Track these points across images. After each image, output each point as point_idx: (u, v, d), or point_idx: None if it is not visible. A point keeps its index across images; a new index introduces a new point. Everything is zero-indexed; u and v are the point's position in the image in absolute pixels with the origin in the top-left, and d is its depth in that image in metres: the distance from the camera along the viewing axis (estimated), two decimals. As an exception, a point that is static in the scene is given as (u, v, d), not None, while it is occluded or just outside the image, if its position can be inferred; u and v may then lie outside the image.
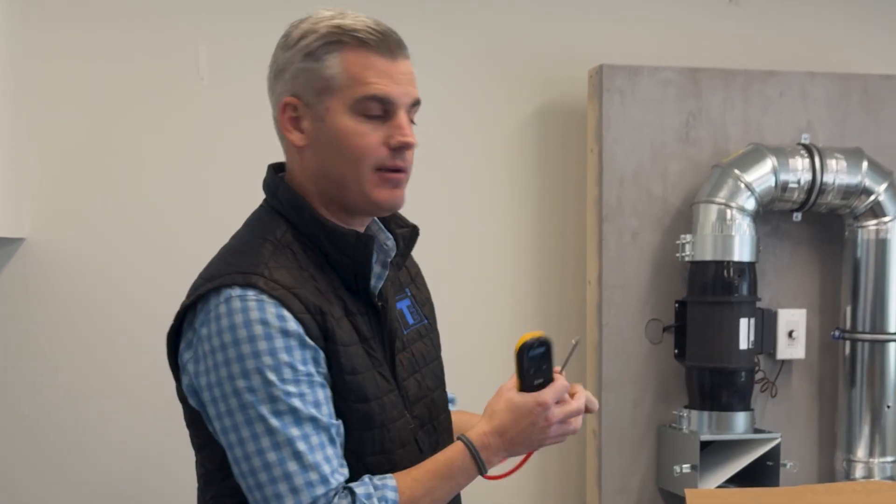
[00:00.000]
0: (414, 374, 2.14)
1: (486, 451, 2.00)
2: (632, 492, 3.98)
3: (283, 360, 1.88)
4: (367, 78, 1.96)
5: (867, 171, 3.87)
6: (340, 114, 1.98)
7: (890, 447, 3.99)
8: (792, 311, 4.05)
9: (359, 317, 2.02)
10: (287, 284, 1.92)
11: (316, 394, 1.91)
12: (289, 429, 1.88)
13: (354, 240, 2.00)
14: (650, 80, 3.92)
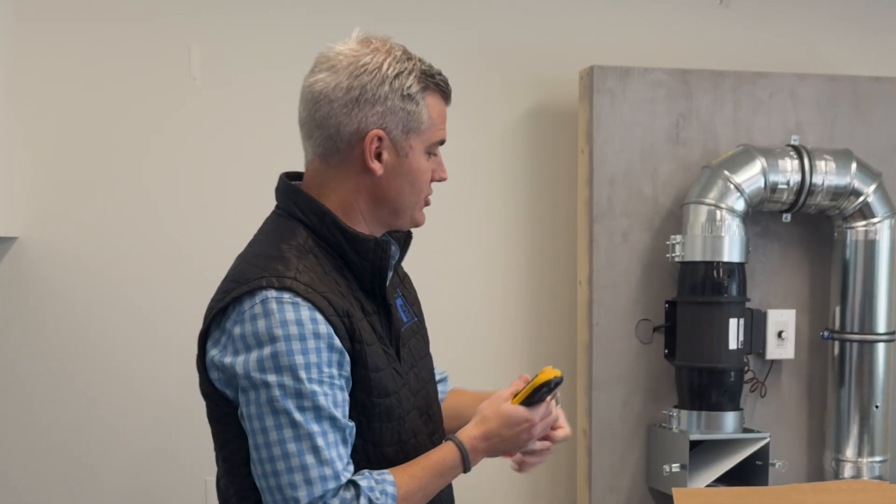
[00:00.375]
0: (413, 368, 2.29)
1: (473, 453, 2.18)
2: (622, 491, 3.99)
3: (312, 360, 2.02)
4: (440, 123, 2.22)
5: (856, 173, 3.88)
6: (419, 153, 2.19)
7: (878, 447, 4.01)
8: (781, 312, 4.07)
9: (374, 316, 2.18)
10: (318, 288, 2.06)
11: (336, 395, 2.05)
12: (311, 424, 2.01)
13: (374, 245, 2.16)
14: (641, 81, 3.94)
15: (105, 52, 3.74)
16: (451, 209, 3.98)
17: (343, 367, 2.07)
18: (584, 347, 3.99)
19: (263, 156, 3.83)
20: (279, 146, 3.81)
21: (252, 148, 3.84)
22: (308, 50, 3.77)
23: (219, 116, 3.82)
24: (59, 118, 3.72)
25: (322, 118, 2.17)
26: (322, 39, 3.84)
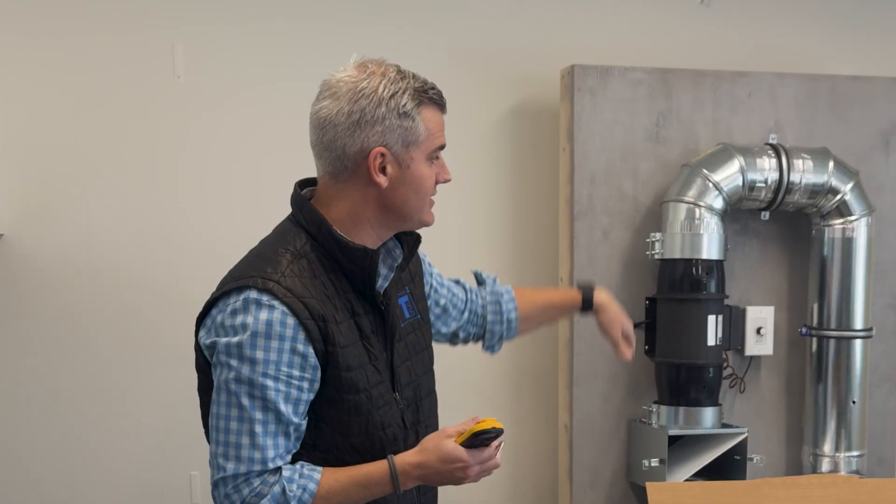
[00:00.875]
0: (406, 361, 2.50)
1: (405, 477, 2.34)
2: (602, 486, 4.02)
3: (271, 358, 2.27)
4: (438, 132, 2.40)
5: (833, 171, 3.92)
6: (421, 162, 2.38)
7: (856, 442, 4.05)
8: (760, 308, 4.10)
9: (363, 316, 2.39)
10: (298, 293, 2.28)
11: (289, 393, 2.28)
12: (255, 412, 2.27)
13: (362, 253, 2.35)
14: (621, 80, 3.96)
15: (90, 51, 3.75)
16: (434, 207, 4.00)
17: (305, 369, 2.29)
18: (566, 343, 4.02)
19: (247, 154, 3.87)
20: (263, 144, 3.86)
21: (236, 146, 3.87)
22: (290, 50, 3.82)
23: (203, 115, 3.84)
24: (43, 116, 3.74)
25: (329, 141, 2.35)
26: (304, 40, 3.89)
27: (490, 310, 2.91)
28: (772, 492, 2.49)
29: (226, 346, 2.28)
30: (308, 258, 2.35)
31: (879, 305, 4.20)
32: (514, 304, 2.93)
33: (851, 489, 2.50)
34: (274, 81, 3.84)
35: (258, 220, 2.56)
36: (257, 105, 3.86)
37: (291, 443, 2.33)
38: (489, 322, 2.91)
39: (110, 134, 3.79)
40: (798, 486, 2.51)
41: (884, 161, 4.22)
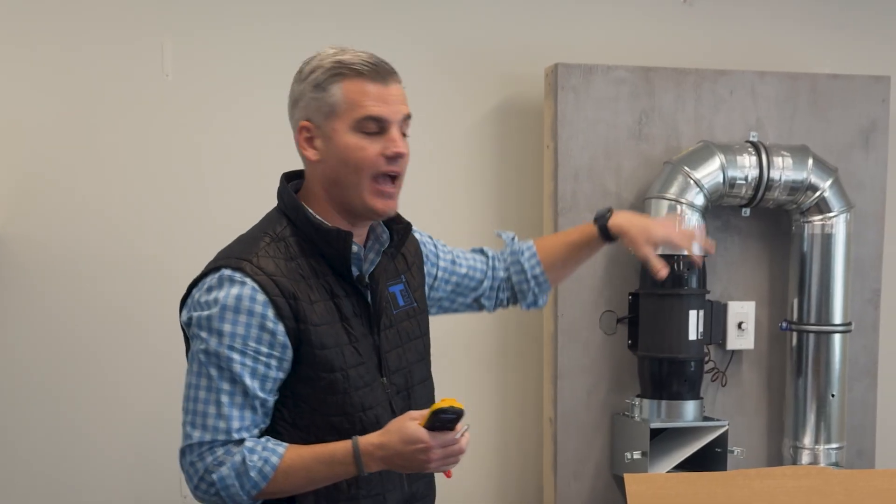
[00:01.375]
0: (397, 347, 2.55)
1: (368, 458, 2.33)
2: (586, 478, 4.07)
3: (238, 332, 2.34)
4: (364, 102, 2.38)
5: (812, 168, 3.97)
6: (343, 133, 2.39)
7: (835, 434, 4.11)
8: (741, 304, 4.15)
9: (344, 299, 2.44)
10: (269, 272, 2.36)
11: (256, 368, 2.36)
12: (221, 383, 2.35)
13: (336, 234, 2.41)
14: (604, 78, 4.01)
15: (79, 49, 3.78)
16: (421, 203, 4.03)
17: (273, 347, 2.36)
18: (550, 338, 4.07)
19: (236, 151, 3.91)
20: (251, 141, 3.88)
21: (225, 143, 3.90)
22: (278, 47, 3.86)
23: (192, 113, 3.88)
24: (33, 115, 3.77)
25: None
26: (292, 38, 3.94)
27: (513, 270, 2.93)
28: (746, 482, 2.54)
29: (198, 319, 2.37)
30: (286, 241, 2.43)
31: (859, 301, 4.26)
32: (535, 259, 2.92)
33: (824, 480, 2.55)
34: (262, 79, 3.87)
35: (248, 216, 2.60)
36: (246, 103, 3.89)
37: (259, 417, 2.39)
38: (515, 283, 2.93)
39: (100, 132, 3.82)
40: (772, 477, 2.56)
41: (863, 158, 4.27)
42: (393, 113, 2.41)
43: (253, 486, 2.35)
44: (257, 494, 2.38)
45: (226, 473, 2.36)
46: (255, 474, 2.34)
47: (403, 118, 2.45)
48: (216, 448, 2.37)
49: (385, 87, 2.41)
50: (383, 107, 2.40)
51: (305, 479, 2.38)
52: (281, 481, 2.37)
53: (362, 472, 2.34)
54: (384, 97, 2.40)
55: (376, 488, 2.48)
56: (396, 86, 2.44)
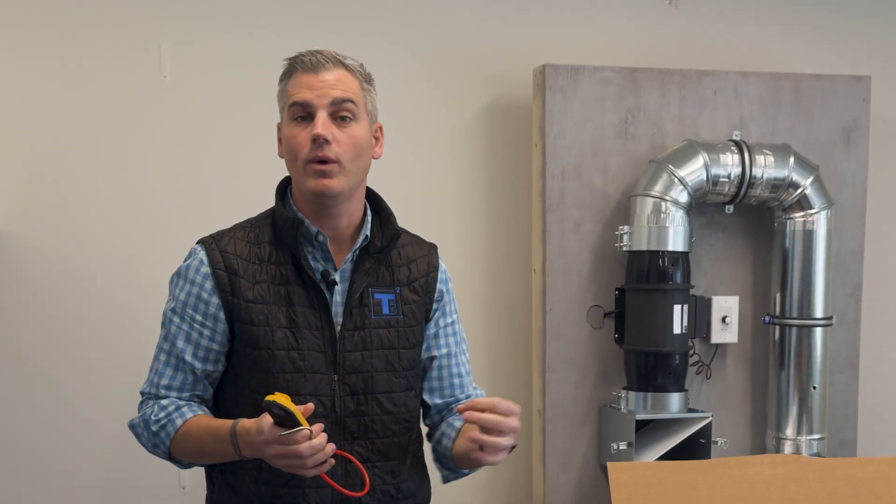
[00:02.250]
0: (363, 350, 2.55)
1: (240, 439, 2.37)
2: (574, 468, 4.13)
3: (180, 297, 2.55)
4: (293, 90, 2.49)
5: (794, 166, 4.03)
6: (286, 123, 2.52)
7: (816, 425, 4.18)
8: (725, 298, 4.21)
9: (297, 287, 2.53)
10: (223, 248, 2.53)
11: (189, 334, 2.54)
12: (164, 342, 2.58)
13: (290, 223, 2.51)
14: (591, 79, 4.06)
15: (77, 50, 3.82)
16: (412, 202, 4.07)
17: (207, 317, 2.52)
18: (539, 332, 4.13)
19: (234, 152, 3.96)
20: (249, 142, 3.89)
21: (222, 144, 3.95)
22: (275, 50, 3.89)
23: (190, 114, 3.91)
24: (32, 114, 3.80)
25: None
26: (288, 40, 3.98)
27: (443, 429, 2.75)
28: (725, 470, 2.59)
29: (169, 282, 2.61)
30: (261, 228, 2.58)
31: (841, 295, 4.33)
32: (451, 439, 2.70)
33: (800, 468, 2.61)
34: (260, 81, 3.87)
35: (245, 215, 2.66)
36: (244, 104, 3.92)
37: (189, 382, 2.56)
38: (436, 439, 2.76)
39: (98, 133, 3.85)
40: (751, 465, 2.61)
41: (844, 156, 4.33)
42: (317, 97, 2.45)
43: (158, 441, 2.52)
44: (172, 453, 2.53)
45: (136, 422, 2.58)
46: (158, 429, 2.50)
47: (332, 102, 2.46)
48: (148, 401, 2.57)
49: (315, 75, 2.46)
50: (307, 92, 2.46)
51: (197, 449, 2.50)
52: (181, 444, 2.50)
53: (238, 454, 2.38)
54: (311, 84, 2.46)
55: (296, 480, 2.46)
56: (329, 73, 2.47)
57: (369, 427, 2.54)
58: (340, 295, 2.56)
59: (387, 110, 2.75)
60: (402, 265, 2.66)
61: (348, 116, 2.48)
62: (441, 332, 2.75)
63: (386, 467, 2.58)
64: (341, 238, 2.58)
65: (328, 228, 2.55)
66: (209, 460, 2.57)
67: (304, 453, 2.24)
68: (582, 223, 4.09)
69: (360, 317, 2.55)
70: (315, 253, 2.55)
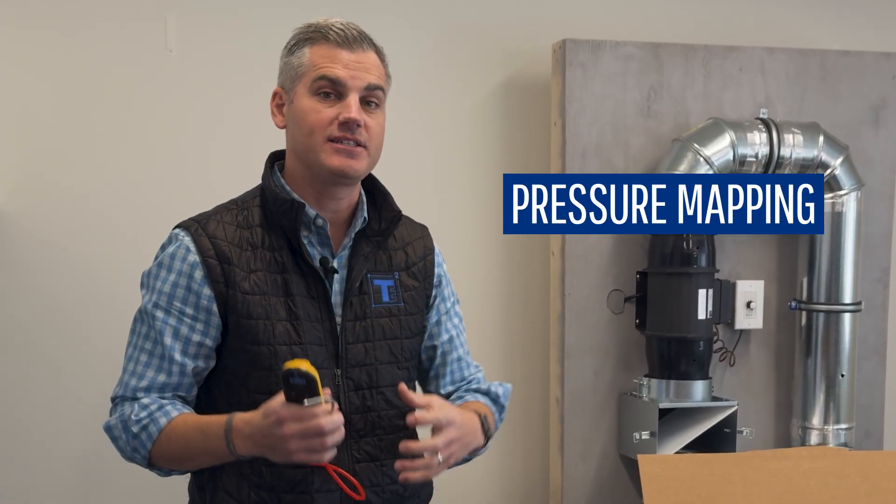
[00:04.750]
0: (365, 342, 2.43)
1: (235, 434, 2.21)
2: (593, 458, 4.03)
3: (165, 289, 2.35)
4: (322, 62, 2.32)
5: (823, 146, 3.92)
6: (303, 95, 2.35)
7: (844, 415, 4.06)
8: (750, 283, 4.11)
9: (295, 275, 2.37)
10: (211, 234, 2.35)
11: (179, 329, 2.34)
12: (140, 340, 2.37)
13: (289, 205, 2.35)
14: (612, 54, 3.95)
15: (81, 24, 3.73)
16: (427, 183, 4.00)
17: (199, 310, 2.33)
18: (557, 317, 4.03)
19: (239, 127, 3.86)
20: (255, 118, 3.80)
21: (228, 119, 3.85)
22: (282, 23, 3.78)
23: (195, 88, 3.83)
24: (35, 91, 3.72)
25: None
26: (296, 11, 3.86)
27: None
28: (762, 464, 2.50)
29: (142, 275, 2.43)
30: (250, 211, 2.42)
31: (868, 280, 4.21)
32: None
33: (841, 461, 2.52)
34: (266, 54, 3.80)
35: (250, 189, 2.56)
36: (250, 77, 3.79)
37: (173, 382, 2.36)
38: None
39: (102, 107, 3.76)
40: (788, 458, 2.52)
41: (873, 135, 4.23)
42: (351, 78, 2.33)
43: (139, 444, 2.32)
44: (153, 458, 2.34)
45: (113, 423, 2.37)
46: (139, 430, 2.31)
47: (367, 87, 2.35)
48: (120, 402, 2.39)
49: (350, 53, 2.34)
50: (340, 70, 2.32)
51: (182, 450, 2.31)
52: (164, 445, 2.31)
53: (232, 450, 2.22)
54: (344, 61, 2.33)
55: (302, 486, 2.34)
56: (364, 54, 2.36)
57: (376, 423, 2.41)
58: (339, 283, 2.43)
59: (399, 88, 2.65)
60: (398, 248, 2.56)
61: (375, 103, 2.38)
62: (443, 318, 2.66)
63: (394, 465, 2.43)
64: (338, 221, 2.46)
65: (328, 211, 2.42)
66: (194, 464, 2.38)
67: (326, 427, 2.10)
68: (602, 204, 3.97)
69: (361, 306, 2.44)
70: (311, 238, 2.42)
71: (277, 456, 2.17)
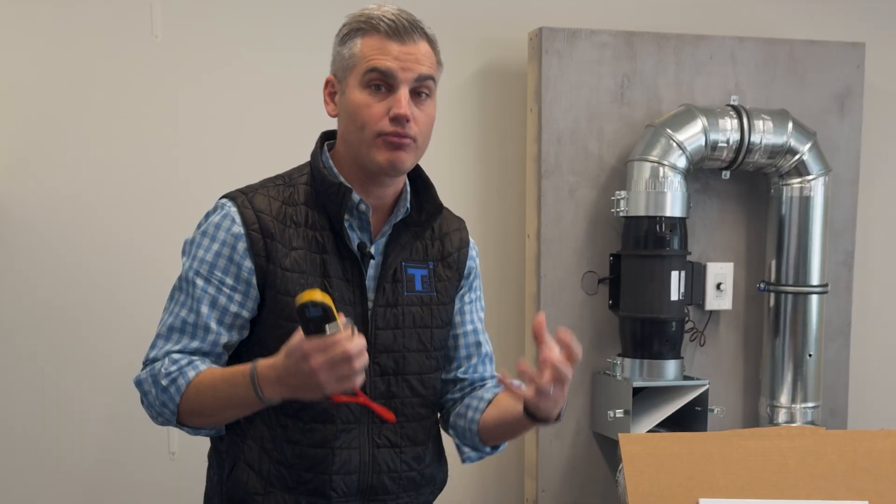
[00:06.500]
0: (395, 328, 2.31)
1: (262, 380, 2.08)
2: (567, 435, 3.95)
3: (207, 258, 2.24)
4: (373, 55, 2.20)
5: (792, 132, 3.84)
6: (354, 88, 2.22)
7: (811, 393, 3.99)
8: (720, 265, 4.03)
9: (333, 257, 2.26)
10: (257, 208, 2.25)
11: (217, 298, 2.24)
12: (176, 306, 2.27)
13: (336, 188, 2.25)
14: (587, 42, 3.86)
15: (66, 9, 3.60)
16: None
17: (238, 281, 2.23)
18: (533, 298, 3.93)
19: (226, 112, 3.75)
20: (241, 103, 3.74)
21: (214, 105, 3.75)
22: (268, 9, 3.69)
23: (181, 75, 3.71)
24: (21, 75, 3.59)
25: None
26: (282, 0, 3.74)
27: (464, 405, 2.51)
28: (741, 443, 2.41)
29: (184, 243, 2.32)
30: (296, 188, 2.31)
31: (833, 263, 4.14)
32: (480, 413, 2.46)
33: (818, 440, 2.42)
34: (252, 41, 3.72)
35: (237, 178, 2.46)
36: (235, 64, 3.73)
37: (204, 348, 2.25)
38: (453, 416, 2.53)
39: (87, 93, 3.64)
40: (767, 437, 2.42)
41: (838, 123, 4.15)
42: (401, 69, 2.20)
43: (167, 399, 2.22)
44: (181, 414, 2.24)
45: (143, 377, 2.27)
46: (168, 383, 2.21)
47: (417, 78, 2.22)
48: (150, 364, 2.27)
49: (401, 45, 2.21)
50: (390, 61, 2.20)
51: (212, 399, 2.19)
52: (192, 398, 2.20)
53: (260, 396, 2.09)
54: (397, 54, 2.20)
55: (322, 465, 2.26)
56: (415, 45, 2.24)
57: (399, 410, 2.29)
58: (373, 269, 2.32)
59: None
60: (436, 239, 2.44)
61: (426, 93, 2.27)
62: (467, 307, 2.53)
63: (412, 452, 2.36)
64: (381, 208, 2.34)
65: (372, 198, 2.31)
66: (222, 417, 2.26)
67: (352, 351, 1.96)
68: (577, 188, 3.89)
69: (393, 293, 2.33)
70: (353, 222, 2.31)
71: (309, 392, 2.04)
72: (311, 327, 1.95)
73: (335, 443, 2.26)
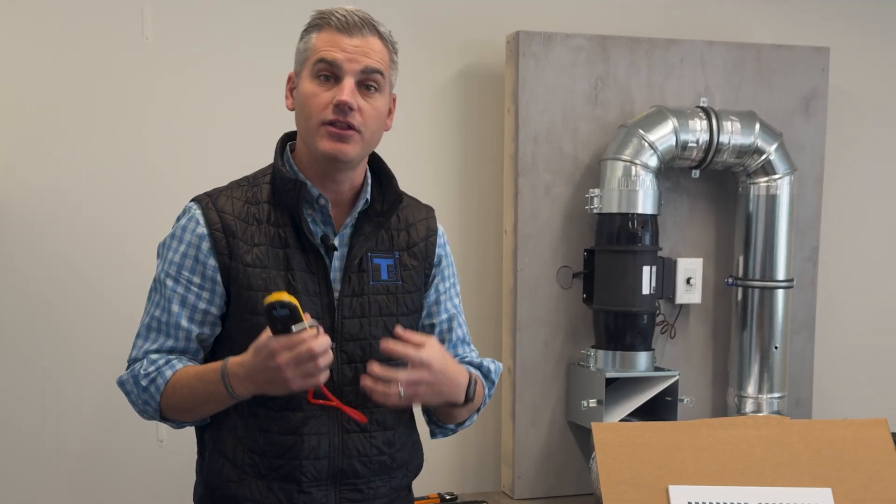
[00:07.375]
0: (361, 317, 2.34)
1: (232, 377, 2.18)
2: (543, 424, 3.95)
3: (175, 259, 2.31)
4: (325, 46, 2.24)
5: (759, 133, 3.85)
6: (305, 79, 2.28)
7: (777, 384, 4.00)
8: (690, 260, 4.04)
9: (296, 251, 2.30)
10: (220, 208, 2.31)
11: (186, 297, 2.31)
12: (151, 307, 2.36)
13: (292, 183, 2.29)
14: (563, 46, 3.86)
15: (58, 12, 3.57)
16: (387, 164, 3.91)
17: (205, 279, 2.30)
18: (510, 292, 3.94)
19: (216, 115, 3.74)
20: (232, 106, 3.74)
21: (204, 107, 3.73)
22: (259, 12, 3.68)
23: (171, 77, 3.69)
24: (10, 76, 3.56)
25: None
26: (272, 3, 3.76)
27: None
28: (710, 432, 2.42)
29: (158, 246, 2.39)
30: (259, 187, 2.35)
31: (799, 259, 4.16)
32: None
33: (784, 429, 2.44)
34: (242, 43, 3.71)
35: (223, 177, 2.46)
36: (226, 67, 3.72)
37: (179, 346, 2.33)
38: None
39: (78, 95, 3.61)
40: (734, 427, 2.44)
41: (804, 124, 4.16)
42: (348, 61, 2.23)
43: (148, 397, 2.30)
44: (163, 410, 2.32)
45: (125, 378, 2.35)
46: (147, 383, 2.28)
47: (363, 70, 2.25)
48: (133, 364, 2.35)
49: (349, 38, 2.24)
50: (337, 52, 2.24)
51: (189, 396, 2.26)
52: (171, 396, 2.28)
53: (231, 392, 2.18)
54: (342, 45, 2.24)
55: (292, 452, 2.30)
56: (365, 39, 2.26)
57: (367, 396, 2.28)
58: (339, 260, 2.35)
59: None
60: (402, 229, 2.46)
61: (374, 87, 2.28)
62: (441, 297, 2.56)
63: (383, 437, 2.39)
64: (341, 201, 2.37)
65: (330, 192, 2.34)
66: (201, 412, 2.32)
67: (317, 349, 2.05)
68: (553, 186, 3.90)
69: (359, 283, 2.35)
70: (314, 216, 2.34)
71: (275, 388, 2.14)
72: (278, 327, 2.02)
73: (304, 429, 2.29)
